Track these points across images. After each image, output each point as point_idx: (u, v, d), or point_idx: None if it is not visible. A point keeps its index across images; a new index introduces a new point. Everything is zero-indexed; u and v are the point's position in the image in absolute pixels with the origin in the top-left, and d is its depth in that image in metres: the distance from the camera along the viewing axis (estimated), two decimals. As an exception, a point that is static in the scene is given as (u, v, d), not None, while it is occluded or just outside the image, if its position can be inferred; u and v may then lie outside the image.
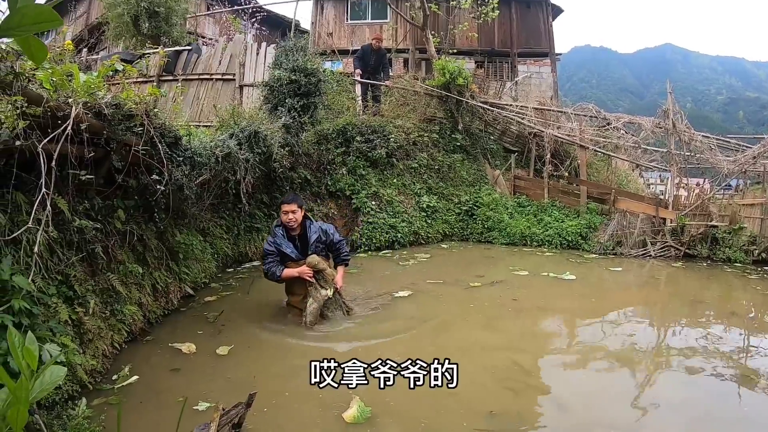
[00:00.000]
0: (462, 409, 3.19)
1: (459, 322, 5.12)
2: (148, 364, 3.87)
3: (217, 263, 6.58)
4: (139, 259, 4.72)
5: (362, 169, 9.20)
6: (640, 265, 7.61)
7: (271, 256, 4.73)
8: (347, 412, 3.10)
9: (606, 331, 4.94)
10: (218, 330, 4.66)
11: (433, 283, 6.40)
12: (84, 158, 3.40)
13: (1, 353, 2.34)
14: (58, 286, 3.35)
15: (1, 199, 2.81)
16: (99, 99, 3.41)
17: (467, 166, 10.63)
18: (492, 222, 9.51)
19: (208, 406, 3.13)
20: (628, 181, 11.20)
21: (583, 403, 3.40)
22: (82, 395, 3.17)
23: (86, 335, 3.52)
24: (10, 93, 2.43)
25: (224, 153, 5.91)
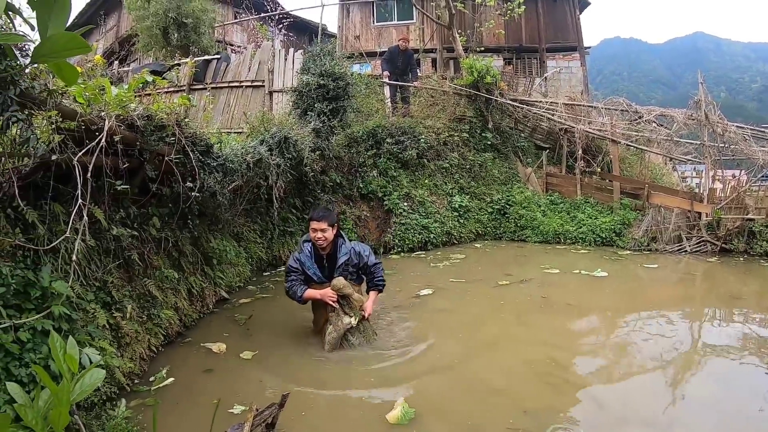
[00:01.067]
0: (504, 406, 3.22)
1: (490, 318, 5.15)
2: (184, 366, 3.98)
3: (251, 267, 6.70)
4: (174, 265, 4.85)
5: (393, 170, 9.21)
6: (675, 261, 7.36)
7: (294, 274, 4.30)
8: (391, 413, 3.14)
9: (638, 328, 4.80)
10: (248, 333, 4.75)
11: (463, 282, 6.40)
12: (118, 169, 3.51)
13: (41, 357, 2.45)
14: (96, 292, 3.48)
15: (39, 210, 2.93)
16: (131, 111, 3.53)
17: (498, 164, 10.52)
18: (525, 220, 9.39)
19: (243, 409, 3.17)
20: (662, 175, 10.86)
21: (619, 399, 3.36)
22: (120, 397, 3.27)
23: (123, 339, 3.63)
24: (45, 109, 2.54)
25: (255, 159, 6.01)
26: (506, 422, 3.02)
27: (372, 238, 8.65)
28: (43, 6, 1.19)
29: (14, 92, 2.18)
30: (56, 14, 1.21)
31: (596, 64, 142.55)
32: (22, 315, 2.47)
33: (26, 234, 2.81)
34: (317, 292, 4.21)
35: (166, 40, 12.51)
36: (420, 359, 4.05)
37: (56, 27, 1.22)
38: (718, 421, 3.01)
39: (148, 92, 4.27)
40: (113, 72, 10.83)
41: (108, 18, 20.51)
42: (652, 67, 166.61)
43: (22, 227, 2.79)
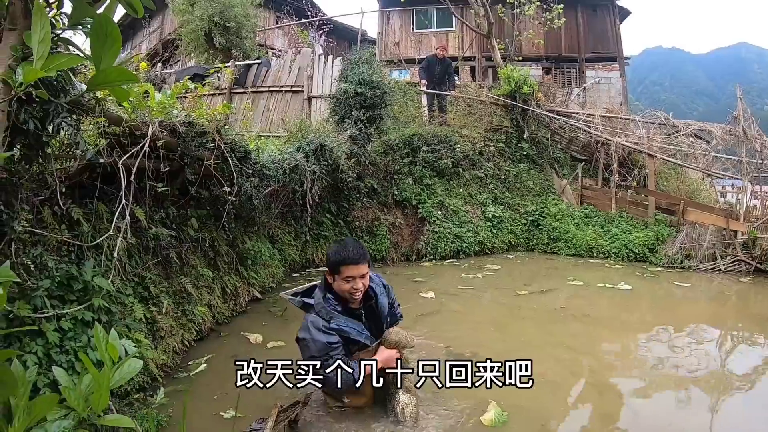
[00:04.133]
0: (582, 407, 3.44)
1: (507, 323, 5.28)
2: (220, 355, 4.21)
3: (284, 268, 6.84)
4: (210, 264, 5.02)
5: (428, 178, 9.23)
6: (708, 280, 7.11)
7: (335, 353, 2.78)
8: (485, 415, 3.20)
9: (660, 342, 4.72)
10: (285, 324, 4.94)
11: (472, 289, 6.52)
12: (160, 172, 3.70)
13: (81, 345, 2.61)
14: (135, 287, 3.66)
15: (84, 209, 3.12)
16: (173, 118, 3.71)
17: (534, 175, 10.41)
18: (558, 233, 9.24)
19: (232, 415, 3.16)
20: (700, 191, 10.52)
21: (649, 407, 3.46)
22: (155, 386, 3.41)
23: (159, 332, 3.80)
24: (93, 115, 2.72)
25: (291, 166, 6.17)
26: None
27: (405, 244, 8.69)
28: (97, 39, 1.31)
29: (64, 100, 2.34)
30: (108, 47, 1.33)
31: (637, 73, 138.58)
32: (65, 306, 2.64)
33: (71, 231, 3.00)
34: (379, 361, 2.93)
35: (209, 43, 12.87)
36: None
37: (108, 59, 1.35)
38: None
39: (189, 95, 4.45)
40: (157, 74, 11.22)
41: (152, 20, 20.95)
42: (694, 78, 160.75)
43: (68, 224, 2.98)
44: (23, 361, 2.28)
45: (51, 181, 2.67)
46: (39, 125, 2.33)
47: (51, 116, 2.29)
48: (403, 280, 6.92)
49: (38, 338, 2.43)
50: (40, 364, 2.36)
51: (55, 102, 2.31)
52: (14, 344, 2.28)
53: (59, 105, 2.34)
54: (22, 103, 2.19)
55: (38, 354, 2.35)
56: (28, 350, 2.33)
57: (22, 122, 2.24)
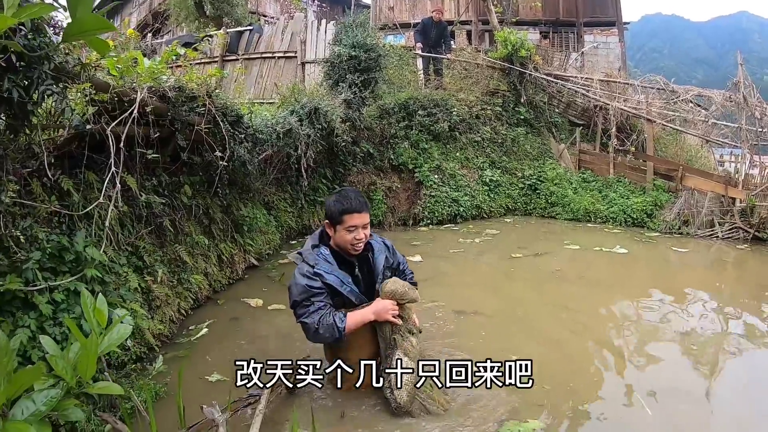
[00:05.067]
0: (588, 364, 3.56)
1: (502, 285, 5.38)
2: (220, 319, 4.31)
3: (281, 235, 6.80)
4: (205, 232, 4.97)
5: (425, 142, 9.12)
6: (705, 246, 7.12)
7: (316, 299, 2.67)
8: None
9: (655, 305, 4.75)
10: (285, 288, 4.96)
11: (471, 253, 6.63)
12: (150, 138, 3.60)
13: (75, 317, 2.57)
14: (129, 256, 3.62)
15: (74, 179, 3.04)
16: (162, 83, 3.59)
17: (531, 139, 10.28)
18: (556, 197, 9.20)
19: (218, 378, 3.25)
20: (699, 158, 10.44)
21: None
22: (153, 356, 3.44)
23: (154, 302, 3.79)
24: (78, 82, 2.61)
25: (285, 129, 6.06)
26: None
27: (402, 209, 8.67)
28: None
29: (48, 67, 2.23)
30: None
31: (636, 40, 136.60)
32: (57, 278, 2.60)
33: (61, 201, 2.93)
34: (368, 312, 2.74)
35: (199, 11, 12.56)
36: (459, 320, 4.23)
37: (84, 8, 1.26)
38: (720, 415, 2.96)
39: (180, 64, 4.31)
40: (147, 45, 10.96)
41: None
42: (693, 46, 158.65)
43: (58, 195, 2.91)
44: (15, 335, 2.25)
45: (38, 152, 2.58)
46: (23, 94, 2.24)
47: (35, 84, 2.19)
48: (401, 244, 6.92)
49: (31, 311, 2.39)
50: (34, 337, 2.33)
51: (38, 69, 2.21)
52: (7, 318, 2.24)
53: (43, 72, 2.24)
54: (5, 71, 2.10)
55: (31, 327, 2.32)
56: (20, 324, 2.30)
57: (6, 91, 2.15)
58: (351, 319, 2.68)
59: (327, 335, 2.63)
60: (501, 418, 2.70)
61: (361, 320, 2.71)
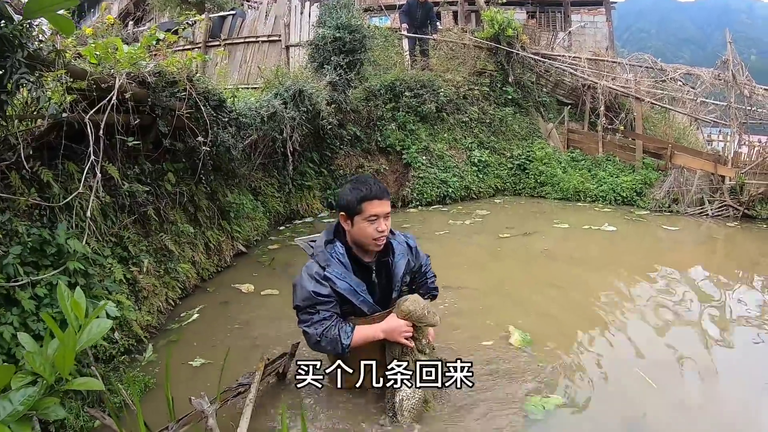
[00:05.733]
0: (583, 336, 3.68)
1: (490, 264, 5.44)
2: (211, 305, 4.31)
3: (269, 221, 6.74)
4: (190, 219, 4.90)
5: (412, 124, 9.07)
6: (696, 224, 7.17)
7: (322, 308, 2.41)
8: (512, 338, 3.51)
9: (644, 282, 4.81)
10: (275, 274, 5.08)
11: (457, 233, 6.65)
12: (130, 126, 3.51)
13: (58, 311, 2.50)
14: (113, 247, 3.55)
15: (54, 170, 2.96)
16: (142, 68, 3.49)
17: (519, 119, 10.25)
18: (545, 177, 9.20)
19: (203, 362, 3.30)
20: (687, 136, 10.47)
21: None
22: (146, 344, 3.43)
23: (141, 293, 3.73)
24: (54, 69, 2.52)
25: (269, 113, 5.98)
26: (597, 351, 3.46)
27: (391, 191, 8.54)
28: None
29: (22, 54, 2.15)
30: None
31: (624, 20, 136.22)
32: (39, 272, 2.54)
33: (41, 193, 2.86)
34: (376, 330, 2.45)
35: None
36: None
37: None
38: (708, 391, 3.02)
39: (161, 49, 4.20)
40: (129, 32, 10.73)
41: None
42: (681, 26, 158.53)
43: (38, 187, 2.83)
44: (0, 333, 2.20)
45: (15, 143, 2.49)
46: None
47: (9, 73, 2.10)
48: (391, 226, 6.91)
49: (13, 307, 2.34)
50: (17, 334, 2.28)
51: (12, 57, 2.12)
52: (-12, 315, 2.19)
53: (17, 61, 2.15)
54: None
55: (14, 324, 2.27)
56: (3, 321, 2.24)
57: (-23, 82, 2.07)
58: (358, 336, 2.40)
59: (329, 348, 2.41)
60: (522, 395, 2.78)
61: (369, 338, 2.43)
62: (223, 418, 2.54)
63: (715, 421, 2.67)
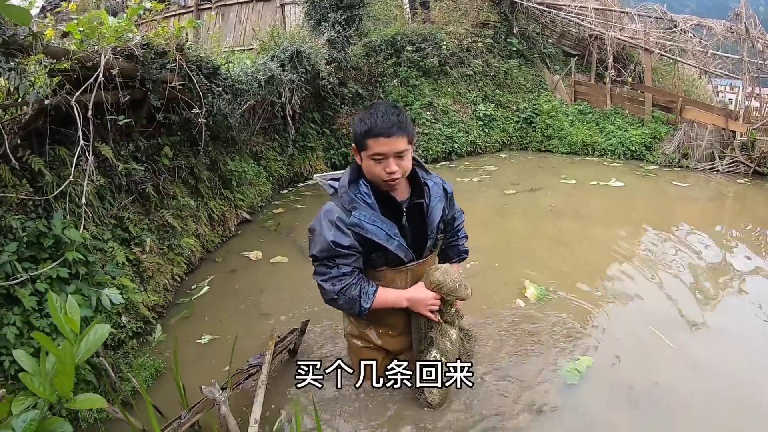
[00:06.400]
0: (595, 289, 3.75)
1: (498, 222, 5.42)
2: (220, 275, 4.30)
3: (272, 185, 6.66)
4: (191, 192, 4.82)
5: (415, 79, 8.87)
6: (705, 180, 7.02)
7: (342, 261, 2.10)
8: (527, 292, 3.60)
9: (652, 239, 4.77)
10: (282, 240, 5.09)
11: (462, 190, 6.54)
12: (121, 103, 3.36)
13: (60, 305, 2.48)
14: (113, 229, 3.47)
15: (44, 157, 2.85)
16: (129, 41, 3.31)
17: (525, 71, 9.95)
18: (552, 130, 9.01)
19: (210, 338, 3.30)
20: (696, 88, 10.12)
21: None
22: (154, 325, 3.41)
23: (146, 273, 3.67)
24: (33, 53, 2.37)
25: (267, 77, 5.76)
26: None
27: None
28: None
29: (-4, 44, 2.01)
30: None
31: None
32: (38, 266, 2.47)
33: (34, 183, 2.76)
34: (400, 298, 2.22)
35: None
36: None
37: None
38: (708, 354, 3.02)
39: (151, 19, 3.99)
40: (117, 2, 10.26)
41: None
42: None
43: (29, 177, 2.72)
44: (3, 335, 2.15)
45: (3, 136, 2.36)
46: (-29, 77, 2.02)
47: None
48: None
49: (15, 306, 2.29)
50: (21, 333, 2.24)
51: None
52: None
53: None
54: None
55: (17, 324, 2.23)
56: (5, 321, 2.20)
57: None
58: (379, 299, 2.14)
59: (346, 307, 2.17)
60: (556, 360, 2.83)
61: (391, 303, 2.20)
62: (236, 402, 2.51)
63: (730, 382, 2.67)
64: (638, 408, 2.46)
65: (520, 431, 2.31)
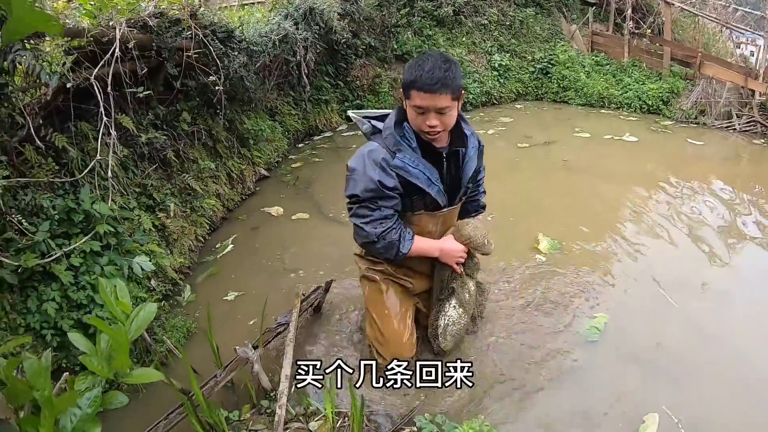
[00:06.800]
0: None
1: (511, 175, 5.42)
2: (243, 232, 4.44)
3: (288, 140, 6.64)
4: (210, 154, 4.84)
5: (429, 29, 8.60)
6: (721, 138, 6.79)
7: (385, 204, 2.09)
8: (540, 245, 3.75)
9: (662, 198, 4.78)
10: (300, 195, 5.18)
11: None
12: (138, 75, 3.36)
13: (95, 277, 2.60)
14: (137, 197, 3.55)
15: (67, 133, 2.89)
16: (142, 12, 3.27)
17: (541, 20, 9.54)
18: (568, 81, 8.73)
19: (236, 294, 3.49)
20: (716, 42, 9.62)
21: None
22: (182, 285, 3.56)
23: (171, 236, 3.77)
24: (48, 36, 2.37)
25: (280, 36, 5.66)
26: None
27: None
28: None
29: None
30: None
31: None
32: (70, 240, 2.57)
33: (59, 160, 2.81)
34: (433, 248, 2.28)
35: None
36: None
37: (21, 3, 1.08)
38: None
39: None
40: None
41: None
42: None
43: (54, 155, 2.78)
44: (44, 310, 2.28)
45: (22, 121, 2.41)
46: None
47: (2, 55, 1.98)
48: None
49: (52, 282, 2.40)
50: (60, 307, 2.37)
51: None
52: (31, 296, 2.26)
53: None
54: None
55: (56, 299, 2.35)
56: (45, 297, 2.32)
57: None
58: (416, 247, 2.17)
59: (382, 251, 2.15)
60: (577, 317, 2.99)
61: (424, 252, 2.25)
62: (266, 359, 2.66)
63: (729, 347, 2.78)
64: (644, 367, 2.60)
65: (543, 390, 2.47)
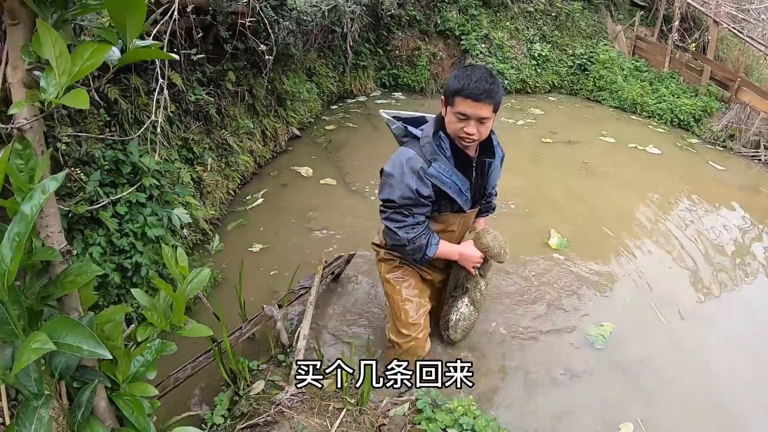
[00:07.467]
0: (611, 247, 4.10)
1: (529, 169, 5.46)
2: (273, 188, 4.66)
3: (322, 102, 6.68)
4: (248, 110, 4.94)
5: (474, 9, 8.36)
6: (745, 166, 6.51)
7: (418, 211, 2.21)
8: (551, 241, 3.89)
9: (674, 215, 4.78)
10: (331, 158, 5.32)
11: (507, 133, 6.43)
12: (193, 38, 3.44)
13: (138, 226, 2.78)
14: (179, 150, 3.70)
15: (119, 85, 3.00)
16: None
17: (587, 16, 9.22)
18: (604, 81, 8.48)
19: (261, 247, 3.72)
20: (760, 66, 9.21)
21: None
22: (212, 236, 3.69)
23: (205, 189, 3.95)
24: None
25: (330, 6, 5.65)
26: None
27: (445, 77, 8.13)
28: (118, 11, 1.11)
29: None
30: (131, 11, 1.14)
31: None
32: (117, 190, 2.73)
33: (110, 111, 2.94)
34: (454, 252, 2.42)
35: None
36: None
37: (133, 29, 1.16)
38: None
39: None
40: None
41: None
42: None
43: (106, 107, 2.90)
44: (90, 253, 2.46)
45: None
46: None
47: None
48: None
49: (99, 228, 2.56)
50: (104, 252, 2.54)
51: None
52: (77, 238, 2.43)
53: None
54: None
55: (101, 244, 2.52)
56: (91, 242, 2.49)
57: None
58: (440, 251, 2.31)
59: (410, 253, 2.28)
60: (579, 321, 3.16)
61: (446, 255, 2.39)
62: (287, 318, 2.89)
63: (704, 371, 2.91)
64: (630, 378, 2.79)
65: (551, 395, 2.66)
